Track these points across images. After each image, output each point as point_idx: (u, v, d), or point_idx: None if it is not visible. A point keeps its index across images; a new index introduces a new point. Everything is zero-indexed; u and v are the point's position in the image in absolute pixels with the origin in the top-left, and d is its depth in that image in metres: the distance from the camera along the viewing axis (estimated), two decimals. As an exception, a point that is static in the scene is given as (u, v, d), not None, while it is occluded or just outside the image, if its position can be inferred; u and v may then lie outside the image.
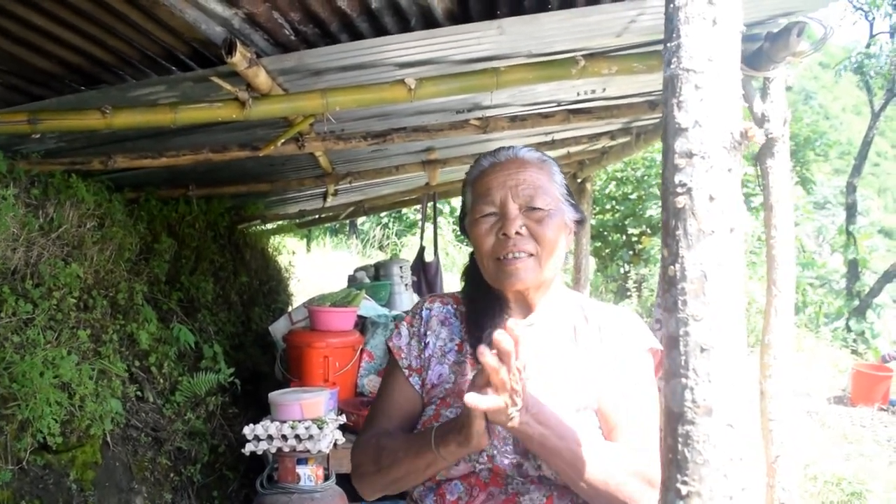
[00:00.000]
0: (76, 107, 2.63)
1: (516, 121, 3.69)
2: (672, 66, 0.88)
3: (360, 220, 16.23)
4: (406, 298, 5.53)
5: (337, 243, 16.48)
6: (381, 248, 16.09)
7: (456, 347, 1.43)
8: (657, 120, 4.43)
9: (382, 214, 16.24)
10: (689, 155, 0.86)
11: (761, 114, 2.89)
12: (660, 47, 2.93)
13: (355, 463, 1.45)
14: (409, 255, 10.11)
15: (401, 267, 5.68)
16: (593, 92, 3.67)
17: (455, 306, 1.51)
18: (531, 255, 1.35)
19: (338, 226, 16.87)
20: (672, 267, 0.86)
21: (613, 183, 13.33)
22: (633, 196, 12.86)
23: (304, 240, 13.71)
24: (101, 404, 2.83)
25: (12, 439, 2.36)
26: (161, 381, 3.57)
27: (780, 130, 2.88)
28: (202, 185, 4.87)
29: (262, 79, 2.48)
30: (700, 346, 0.84)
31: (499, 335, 1.09)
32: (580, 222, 1.45)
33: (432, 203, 6.33)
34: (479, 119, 3.65)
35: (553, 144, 4.80)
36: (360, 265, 6.42)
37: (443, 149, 4.80)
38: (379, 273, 5.70)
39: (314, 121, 3.16)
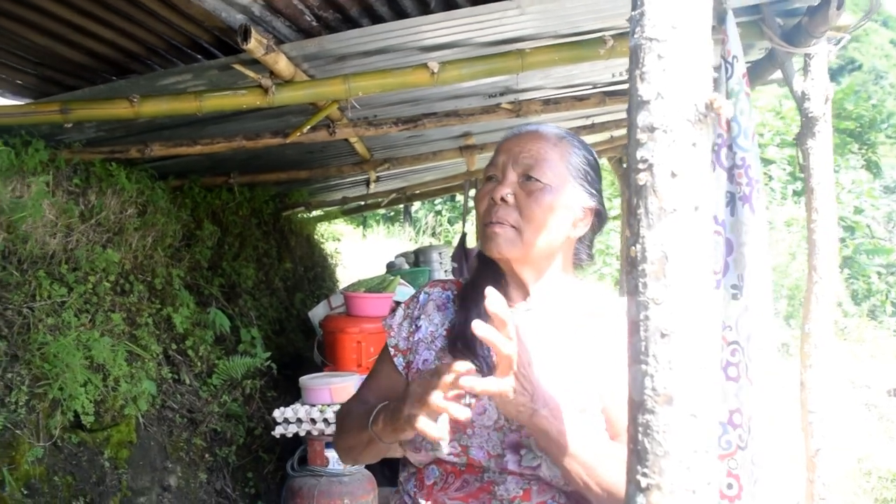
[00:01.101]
0: (106, 96, 2.68)
1: (550, 104, 3.63)
2: (636, 36, 0.83)
3: (413, 207, 16.29)
4: (446, 285, 5.51)
5: (391, 230, 16.58)
6: (433, 234, 16.12)
7: (444, 333, 1.39)
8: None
9: (437, 201, 16.26)
10: (651, 129, 0.81)
11: (801, 92, 2.78)
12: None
13: (335, 425, 1.48)
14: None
15: (440, 253, 5.67)
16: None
17: (455, 291, 1.48)
18: (512, 226, 1.30)
19: (392, 213, 16.96)
20: (634, 248, 0.82)
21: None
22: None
23: (360, 227, 13.84)
24: (136, 385, 2.90)
25: (45, 417, 2.45)
26: (198, 363, 3.65)
27: (822, 109, 2.75)
28: (244, 172, 4.94)
29: (282, 65, 2.49)
30: (660, 331, 0.80)
31: (491, 303, 1.05)
32: (599, 213, 1.39)
33: (474, 189, 6.28)
34: (511, 103, 3.60)
35: (593, 128, 4.71)
36: (400, 251, 6.43)
37: (480, 134, 4.76)
38: (418, 259, 5.70)
39: (339, 106, 3.16)
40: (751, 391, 2.14)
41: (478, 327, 1.05)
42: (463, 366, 1.11)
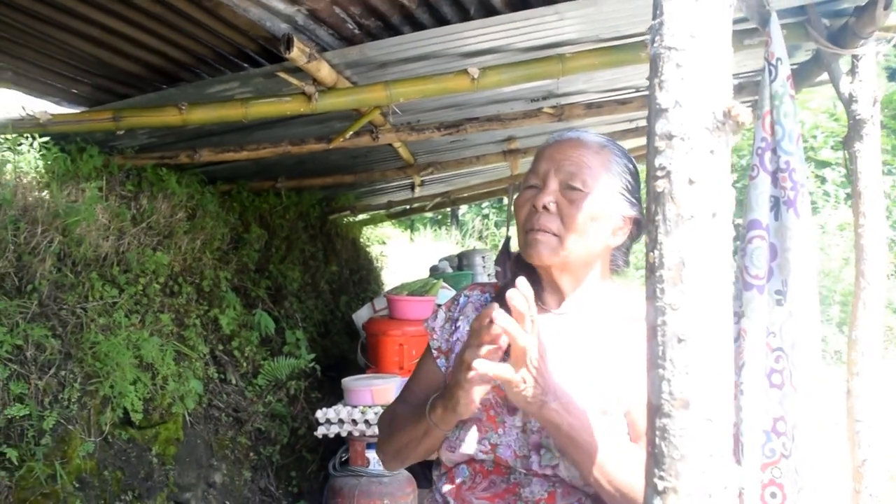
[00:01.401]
0: (156, 104, 2.78)
1: (592, 108, 3.62)
2: (655, 45, 0.84)
3: (460, 210, 16.31)
4: (488, 289, 5.52)
5: (438, 234, 16.64)
6: (480, 238, 16.12)
7: None
8: (747, 104, 4.25)
9: (483, 204, 16.25)
10: (669, 137, 0.82)
11: (849, 94, 2.72)
12: (737, 26, 2.81)
13: (378, 431, 1.50)
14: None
15: (483, 257, 5.69)
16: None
17: (493, 294, 1.50)
18: (553, 234, 1.31)
19: (440, 217, 17.01)
20: (651, 254, 0.83)
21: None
22: (740, 185, 12.35)
23: (407, 230, 13.93)
24: (183, 384, 2.99)
25: (96, 413, 2.54)
26: (244, 364, 3.73)
27: (869, 111, 2.69)
28: (290, 177, 5.04)
29: (325, 72, 2.54)
30: (677, 336, 0.80)
31: (511, 292, 1.08)
32: (638, 222, 1.39)
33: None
34: (553, 107, 3.60)
35: (637, 131, 4.67)
36: (444, 255, 6.47)
37: (523, 138, 4.76)
38: (462, 263, 5.73)
39: (382, 112, 3.21)
40: (795, 399, 2.10)
41: (498, 317, 1.08)
42: (496, 314, 1.11)
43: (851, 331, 2.74)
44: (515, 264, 1.48)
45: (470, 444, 1.30)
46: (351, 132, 3.32)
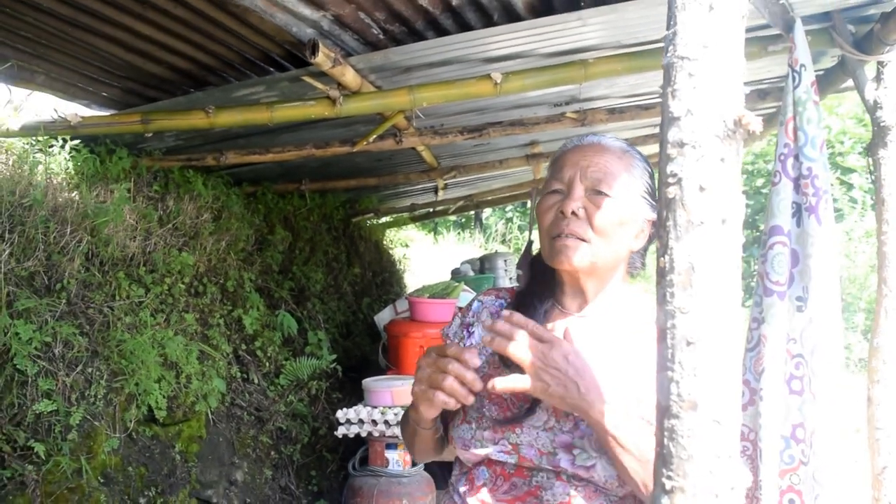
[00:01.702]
0: (184, 107, 2.83)
1: (615, 113, 3.63)
2: (669, 55, 0.86)
3: (484, 213, 16.31)
4: (510, 292, 5.54)
5: (461, 237, 16.66)
6: (503, 241, 16.10)
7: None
8: (772, 110, 4.23)
9: (507, 208, 16.24)
10: (681, 144, 0.84)
11: (873, 101, 2.70)
12: (761, 32, 2.80)
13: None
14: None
15: (505, 261, 5.70)
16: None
17: (509, 299, 1.51)
18: (582, 239, 1.32)
19: (463, 220, 17.03)
20: (662, 258, 0.85)
21: (744, 176, 12.73)
22: (766, 190, 12.23)
23: (431, 233, 13.97)
24: (207, 383, 3.04)
25: (121, 410, 2.60)
26: (266, 364, 3.79)
27: (894, 118, 2.68)
28: (314, 179, 5.09)
29: (349, 77, 2.58)
30: (686, 339, 0.82)
31: (505, 314, 1.20)
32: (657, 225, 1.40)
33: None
34: (576, 112, 3.61)
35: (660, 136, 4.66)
36: (466, 258, 6.49)
37: (546, 142, 4.77)
38: (484, 266, 5.75)
39: (406, 115, 3.24)
40: (814, 405, 2.09)
41: (488, 342, 1.19)
42: (459, 352, 1.25)
43: (873, 338, 2.72)
44: (532, 268, 1.49)
45: (484, 443, 1.32)
46: (375, 136, 3.35)
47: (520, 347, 1.18)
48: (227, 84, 2.89)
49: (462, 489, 1.36)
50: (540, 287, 1.43)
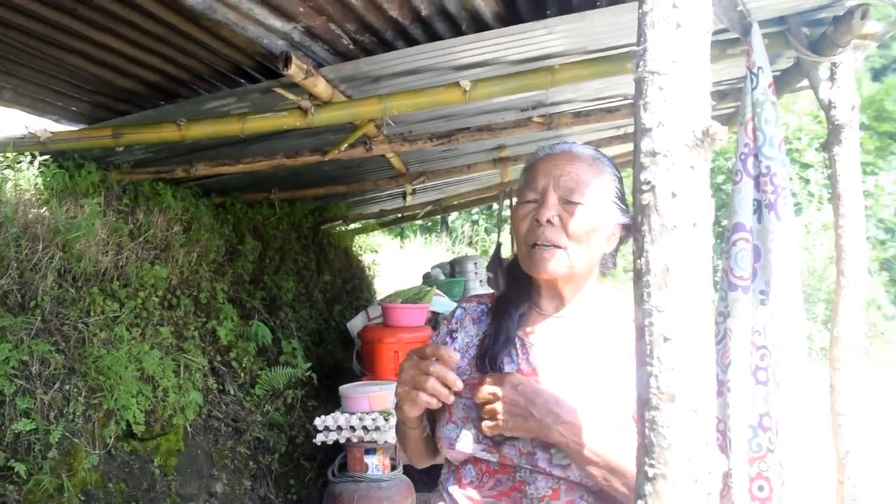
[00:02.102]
0: (155, 120, 2.83)
1: (580, 116, 3.70)
2: (640, 70, 0.92)
3: (450, 217, 16.34)
4: (481, 295, 5.59)
5: (428, 241, 16.67)
6: (470, 244, 16.15)
7: (478, 343, 1.48)
8: (731, 110, 4.34)
9: (473, 211, 16.30)
10: (654, 154, 0.89)
11: (828, 100, 2.80)
12: (720, 37, 2.88)
13: None
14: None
15: (475, 263, 5.76)
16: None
17: (489, 305, 1.56)
18: (559, 246, 1.37)
19: (430, 224, 17.04)
20: (639, 261, 0.90)
21: (705, 174, 12.89)
22: (725, 186, 12.46)
23: (398, 238, 13.96)
24: (183, 396, 3.04)
25: (100, 427, 2.59)
26: (241, 374, 3.79)
27: (848, 117, 2.78)
28: (284, 188, 5.09)
29: (321, 88, 2.61)
30: (663, 335, 0.88)
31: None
32: (628, 227, 1.46)
33: (508, 200, 6.36)
34: (542, 116, 3.68)
35: (624, 138, 4.76)
36: (437, 262, 6.54)
37: (513, 146, 4.84)
38: (454, 270, 5.80)
39: (376, 124, 3.28)
40: (779, 395, 2.18)
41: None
42: (438, 351, 1.32)
43: (833, 328, 2.82)
44: (508, 273, 1.55)
45: (466, 443, 1.37)
46: (346, 145, 3.38)
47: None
48: (197, 96, 2.90)
49: (451, 487, 1.41)
50: (517, 291, 1.49)
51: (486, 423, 1.30)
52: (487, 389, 1.31)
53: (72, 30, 2.32)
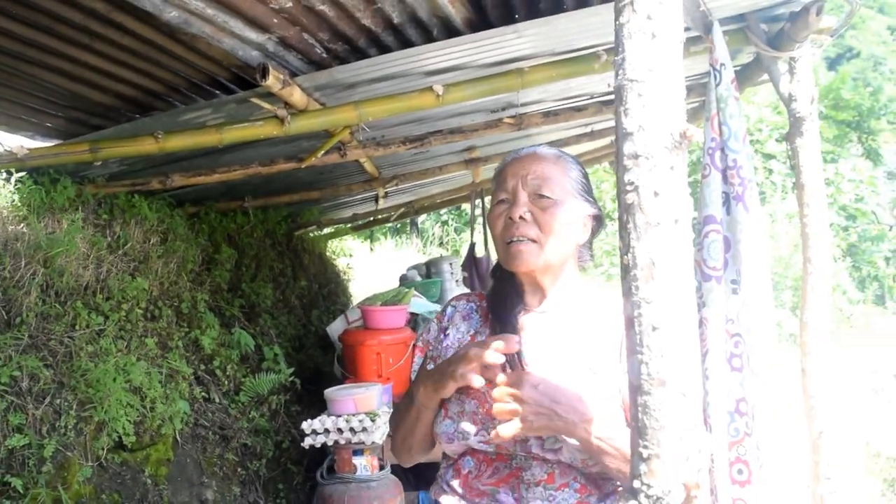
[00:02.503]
0: (132, 134, 2.85)
1: (550, 116, 3.78)
2: (619, 77, 0.99)
3: (420, 218, 16.39)
4: (456, 294, 5.65)
5: (399, 243, 16.70)
6: (441, 244, 16.23)
7: (469, 339, 1.56)
8: (696, 104, 4.46)
9: (442, 211, 16.37)
10: (636, 156, 0.96)
11: (788, 94, 2.90)
12: (683, 35, 2.97)
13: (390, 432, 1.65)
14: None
15: (451, 264, 5.82)
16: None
17: (478, 303, 1.66)
18: (532, 240, 1.46)
19: (399, 225, 17.07)
20: (626, 256, 0.97)
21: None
22: (690, 179, 12.66)
23: (367, 241, 13.96)
24: (171, 406, 3.06)
25: (91, 439, 2.61)
26: (226, 382, 3.81)
27: (808, 109, 2.88)
28: (257, 196, 5.11)
29: (297, 97, 2.65)
30: (652, 325, 0.94)
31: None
32: (598, 218, 1.56)
33: (480, 200, 6.44)
34: (512, 117, 3.75)
35: (593, 135, 4.85)
36: (412, 264, 6.59)
37: (484, 147, 4.91)
38: (430, 271, 5.85)
39: (353, 130, 3.32)
40: (754, 380, 2.27)
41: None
42: (499, 343, 1.35)
43: (802, 314, 2.93)
44: (494, 273, 1.64)
45: (465, 435, 1.44)
46: (322, 152, 3.42)
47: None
48: (173, 108, 2.92)
49: (450, 479, 1.48)
50: (509, 289, 1.57)
51: (505, 427, 1.31)
52: (505, 390, 1.33)
53: (49, 47, 2.34)
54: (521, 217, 1.46)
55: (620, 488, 1.36)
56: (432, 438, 1.55)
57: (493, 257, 6.52)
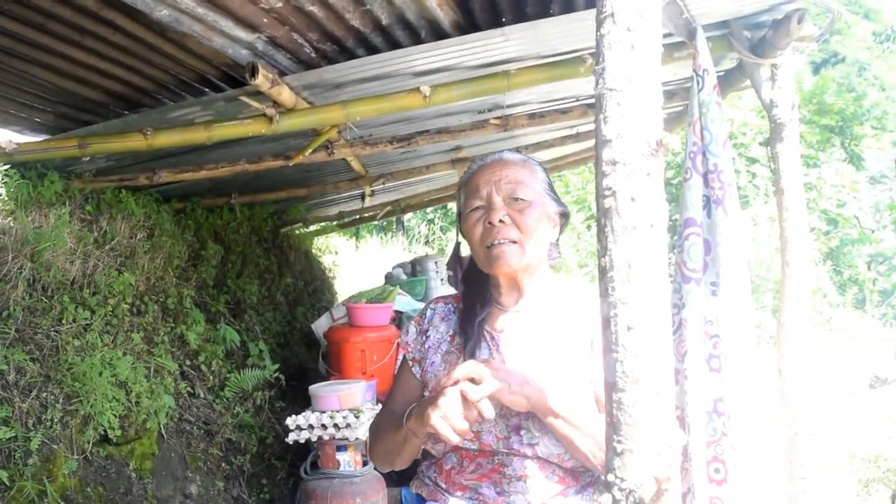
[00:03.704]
0: (121, 130, 2.86)
1: (535, 118, 3.82)
2: (599, 87, 1.03)
3: (406, 216, 16.40)
4: (441, 293, 5.69)
5: (385, 241, 16.71)
6: (426, 243, 16.25)
7: (448, 339, 1.61)
8: (679, 108, 4.51)
9: (428, 210, 16.39)
10: (614, 162, 1.00)
11: (769, 100, 2.95)
12: (667, 41, 3.02)
13: (369, 437, 1.70)
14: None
15: (436, 262, 5.85)
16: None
17: (455, 305, 1.70)
18: (513, 241, 1.51)
19: (385, 224, 17.07)
20: (603, 259, 1.01)
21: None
22: (675, 181, 12.76)
23: (353, 238, 13.96)
24: (156, 400, 3.08)
25: (77, 433, 2.62)
26: (211, 378, 3.83)
27: (789, 116, 2.93)
28: (244, 193, 5.12)
29: (285, 95, 2.67)
30: (627, 325, 0.98)
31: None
32: (564, 215, 1.63)
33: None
34: (499, 118, 3.79)
35: (578, 137, 4.90)
36: (397, 262, 6.62)
37: (470, 147, 4.94)
38: (415, 269, 5.88)
39: (340, 129, 3.34)
40: (732, 381, 2.31)
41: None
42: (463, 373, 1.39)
43: (780, 316, 2.99)
44: (468, 274, 1.69)
45: (449, 436, 1.48)
46: (310, 150, 3.44)
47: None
48: (162, 105, 2.94)
49: (433, 475, 1.52)
50: (479, 291, 1.62)
51: (485, 403, 1.35)
52: (463, 372, 1.38)
53: (40, 44, 2.35)
54: (500, 221, 1.51)
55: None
56: (416, 455, 1.59)
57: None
